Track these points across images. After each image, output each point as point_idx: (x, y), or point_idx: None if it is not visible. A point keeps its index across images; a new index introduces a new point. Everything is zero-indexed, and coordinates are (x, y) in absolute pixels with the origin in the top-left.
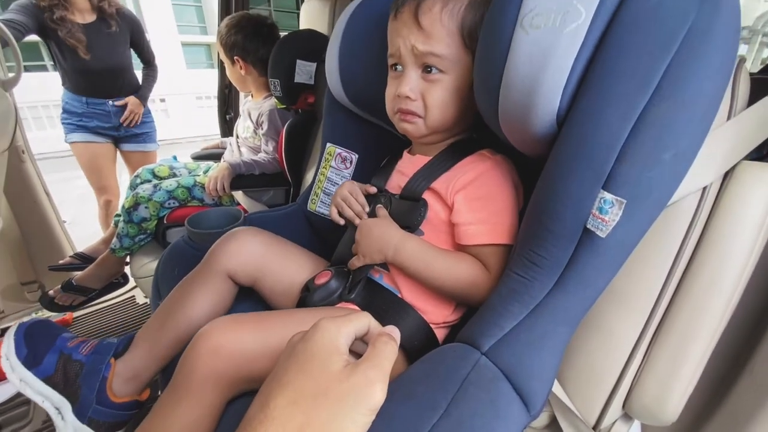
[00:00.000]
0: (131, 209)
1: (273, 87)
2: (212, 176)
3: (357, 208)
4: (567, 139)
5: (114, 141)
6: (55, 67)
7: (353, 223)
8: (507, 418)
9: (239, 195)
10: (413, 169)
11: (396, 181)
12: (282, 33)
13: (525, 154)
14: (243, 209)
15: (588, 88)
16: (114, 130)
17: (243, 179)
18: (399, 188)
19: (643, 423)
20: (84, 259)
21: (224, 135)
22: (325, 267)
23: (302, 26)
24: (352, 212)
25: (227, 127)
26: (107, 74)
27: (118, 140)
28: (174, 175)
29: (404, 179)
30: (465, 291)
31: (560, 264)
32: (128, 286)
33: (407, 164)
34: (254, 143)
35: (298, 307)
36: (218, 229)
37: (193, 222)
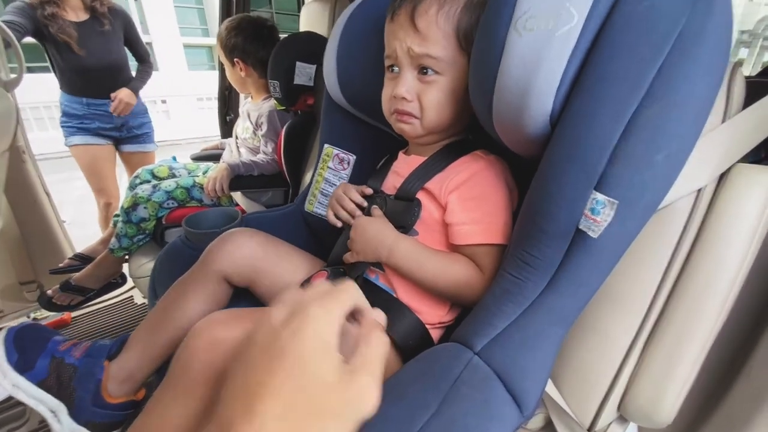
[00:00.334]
0: (130, 209)
1: (273, 89)
2: (211, 177)
3: (350, 206)
4: (560, 140)
5: (115, 142)
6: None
7: (348, 224)
8: (499, 418)
9: (238, 196)
10: (408, 170)
11: (391, 182)
12: (282, 35)
13: (519, 155)
14: (241, 210)
15: (581, 90)
16: (116, 131)
17: (242, 180)
18: (394, 189)
19: (639, 426)
20: (83, 260)
21: (224, 136)
22: (322, 267)
23: (302, 28)
24: (346, 213)
25: (227, 129)
26: (104, 73)
27: (119, 141)
28: (173, 176)
29: (399, 180)
30: (459, 291)
31: (553, 264)
32: (126, 286)
33: (402, 165)
34: (253, 144)
35: None
36: (215, 229)
37: (191, 222)
